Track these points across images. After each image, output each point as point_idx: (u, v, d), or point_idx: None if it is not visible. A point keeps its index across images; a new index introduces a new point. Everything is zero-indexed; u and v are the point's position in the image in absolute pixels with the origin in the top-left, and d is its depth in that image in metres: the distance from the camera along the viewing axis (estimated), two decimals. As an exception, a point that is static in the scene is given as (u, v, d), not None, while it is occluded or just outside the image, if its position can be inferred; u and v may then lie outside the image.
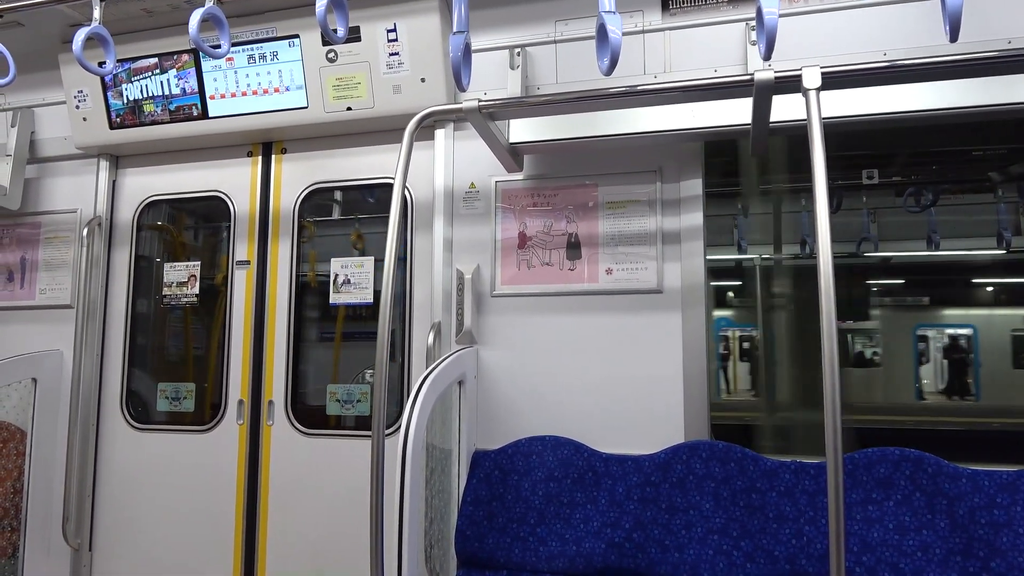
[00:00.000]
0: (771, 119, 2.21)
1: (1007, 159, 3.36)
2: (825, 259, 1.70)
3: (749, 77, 2.02)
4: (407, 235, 2.91)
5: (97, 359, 3.23)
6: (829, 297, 1.67)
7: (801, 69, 1.89)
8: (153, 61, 3.05)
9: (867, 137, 3.08)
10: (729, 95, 2.22)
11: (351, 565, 2.82)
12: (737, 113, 2.35)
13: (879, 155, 3.39)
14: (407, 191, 2.91)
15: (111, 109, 3.15)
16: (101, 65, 2.34)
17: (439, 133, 2.85)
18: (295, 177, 3.13)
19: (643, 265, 2.61)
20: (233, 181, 3.20)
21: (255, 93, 2.96)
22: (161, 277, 3.28)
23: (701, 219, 2.58)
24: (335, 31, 2.04)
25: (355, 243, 3.20)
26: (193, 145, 3.21)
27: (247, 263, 3.12)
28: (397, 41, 2.75)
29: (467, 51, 2.06)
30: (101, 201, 3.31)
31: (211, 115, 3.03)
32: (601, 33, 1.86)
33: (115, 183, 3.36)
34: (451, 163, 2.84)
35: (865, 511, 2.18)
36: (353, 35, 2.76)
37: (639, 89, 2.20)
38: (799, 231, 3.96)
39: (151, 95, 3.08)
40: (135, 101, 3.11)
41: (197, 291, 3.22)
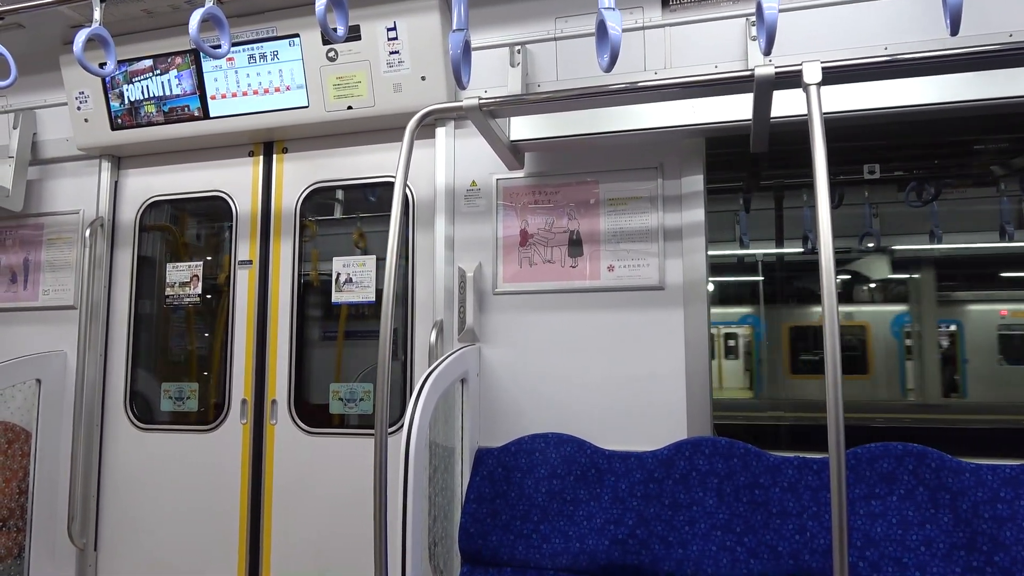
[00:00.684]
0: (772, 115, 2.21)
1: (1009, 152, 3.35)
2: (827, 255, 1.70)
3: (749, 73, 2.01)
4: (409, 233, 2.92)
5: (101, 359, 3.24)
6: (831, 293, 1.67)
7: (801, 64, 1.88)
8: (154, 62, 3.05)
9: (868, 131, 3.07)
10: (730, 91, 2.22)
11: (355, 563, 2.83)
12: (738, 109, 2.35)
13: (880, 149, 3.39)
14: (408, 189, 2.91)
15: (112, 110, 3.15)
16: (102, 66, 2.34)
17: (440, 131, 2.85)
18: (296, 176, 3.13)
19: (645, 262, 2.61)
20: (235, 181, 3.21)
21: (256, 93, 2.97)
22: (163, 277, 3.29)
23: (703, 215, 2.58)
24: (335, 30, 2.04)
25: (357, 242, 3.21)
26: (194, 145, 3.21)
27: (249, 263, 3.13)
28: (397, 39, 2.75)
29: (467, 49, 2.06)
30: (103, 202, 3.31)
31: (212, 115, 3.03)
32: (601, 30, 1.85)
33: (117, 184, 3.36)
34: (452, 161, 2.84)
35: (868, 506, 2.18)
36: (353, 34, 2.76)
37: (639, 86, 2.20)
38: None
39: (152, 96, 3.09)
40: (136, 102, 3.11)
41: (200, 291, 3.23)
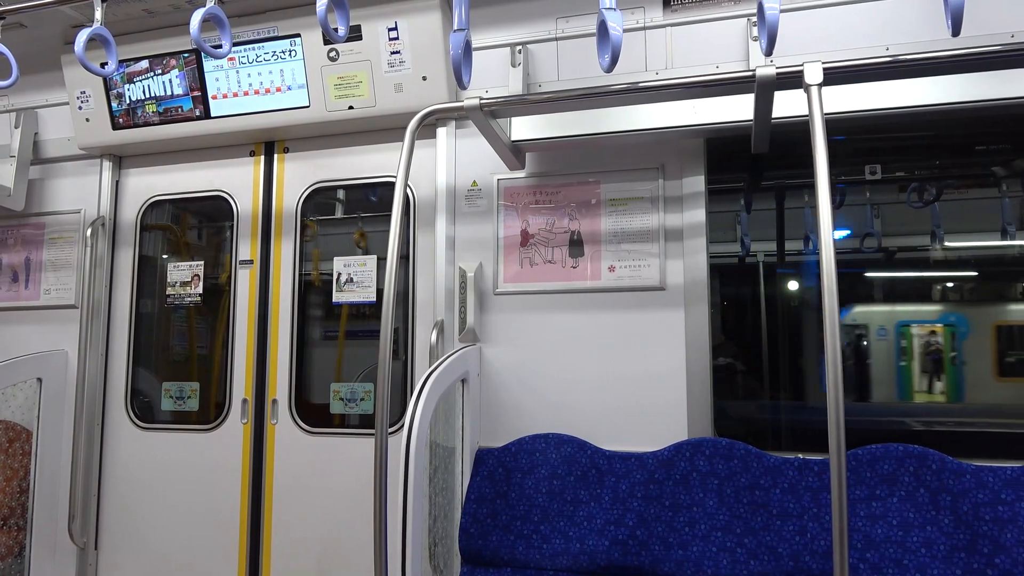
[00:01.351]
0: (774, 115, 2.21)
1: (1010, 153, 3.34)
2: (828, 255, 1.70)
3: (751, 73, 2.01)
4: (409, 233, 2.92)
5: (102, 359, 3.24)
6: (832, 293, 1.67)
7: (803, 65, 1.88)
8: (155, 61, 3.05)
9: (870, 132, 3.06)
10: (731, 91, 2.21)
11: (355, 563, 2.83)
12: (740, 109, 2.35)
13: (882, 150, 3.38)
14: (409, 189, 2.91)
15: (113, 110, 3.15)
16: (103, 66, 2.34)
17: (441, 131, 2.85)
18: (297, 176, 3.13)
19: (646, 262, 2.61)
20: (236, 181, 3.21)
21: (257, 93, 2.97)
22: (165, 277, 3.29)
23: (704, 216, 2.57)
24: (336, 30, 2.04)
25: (358, 242, 3.20)
26: (195, 145, 3.22)
27: (250, 262, 3.13)
28: (398, 39, 2.75)
29: (468, 49, 2.06)
30: (104, 201, 3.32)
31: (213, 115, 3.04)
32: (602, 30, 1.85)
33: (118, 183, 3.37)
34: (453, 161, 2.84)
35: (869, 507, 2.18)
36: (354, 34, 2.76)
37: (641, 86, 2.20)
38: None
39: (153, 95, 3.09)
40: (137, 101, 3.11)
41: (201, 291, 3.23)
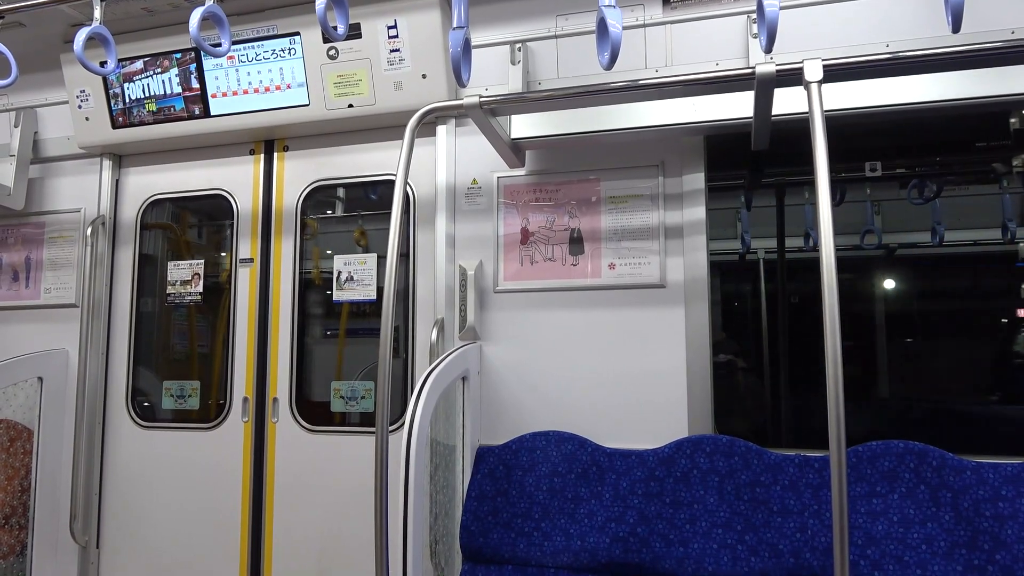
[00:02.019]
0: (774, 112, 2.20)
1: (1010, 149, 3.34)
2: (828, 252, 1.70)
3: (750, 71, 2.01)
4: (410, 231, 2.92)
5: (102, 358, 3.24)
6: (832, 290, 1.67)
7: (803, 62, 1.88)
8: (155, 60, 3.05)
9: (870, 129, 3.06)
10: (731, 89, 2.21)
11: (357, 561, 2.83)
12: (740, 106, 2.35)
13: (882, 147, 3.38)
14: (409, 187, 2.91)
15: (113, 108, 3.15)
16: (102, 65, 2.34)
17: (440, 129, 2.85)
18: (297, 175, 3.13)
19: (646, 260, 2.61)
20: (236, 179, 3.21)
21: (256, 91, 2.97)
22: (165, 276, 3.29)
23: (704, 213, 2.57)
24: (335, 28, 2.04)
25: (358, 240, 3.20)
26: (195, 144, 3.22)
27: (250, 261, 3.13)
28: (398, 37, 2.75)
29: (467, 47, 2.06)
30: (104, 200, 3.32)
31: (213, 113, 3.03)
32: (601, 27, 1.85)
33: (118, 182, 3.36)
34: (453, 159, 2.84)
35: (869, 504, 2.18)
36: (353, 32, 2.76)
37: (640, 83, 2.20)
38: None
39: (153, 94, 3.09)
40: (137, 100, 3.11)
41: (201, 289, 3.23)
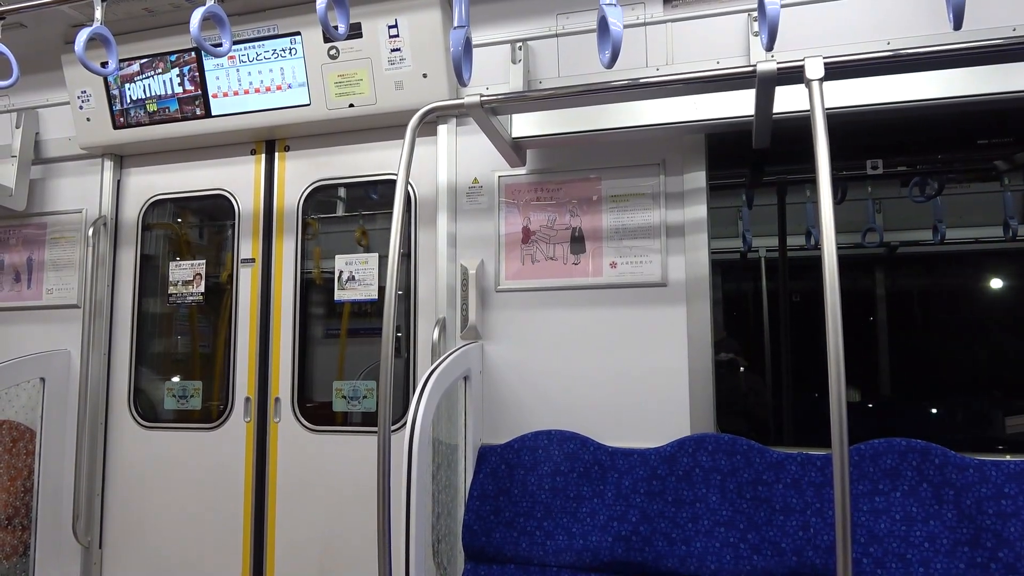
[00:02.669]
0: (775, 110, 2.20)
1: (1012, 147, 3.33)
2: (829, 250, 1.69)
3: (751, 69, 2.01)
4: (411, 231, 2.92)
5: (104, 358, 3.25)
6: (834, 289, 1.66)
7: (804, 60, 1.88)
8: (155, 60, 3.05)
9: (872, 127, 3.06)
10: (732, 87, 2.20)
11: (359, 560, 2.84)
12: (740, 105, 2.34)
13: (884, 145, 3.37)
14: (410, 187, 2.90)
15: (114, 109, 3.15)
16: (104, 65, 2.34)
17: (441, 129, 2.85)
18: (298, 175, 3.13)
19: (647, 258, 2.60)
20: (237, 179, 3.21)
21: (257, 91, 2.97)
22: (166, 276, 3.29)
23: (705, 211, 2.57)
24: (336, 28, 2.04)
25: (359, 239, 3.21)
26: (196, 144, 3.22)
27: (252, 261, 3.13)
28: (398, 37, 2.75)
29: (468, 46, 2.06)
30: (106, 201, 3.32)
31: (214, 113, 3.04)
32: (602, 26, 1.85)
33: (119, 183, 3.37)
34: (454, 158, 2.84)
35: (872, 502, 2.18)
36: (354, 32, 2.76)
37: (641, 82, 2.20)
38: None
39: (154, 94, 3.09)
40: (138, 101, 3.11)
41: (203, 289, 3.23)
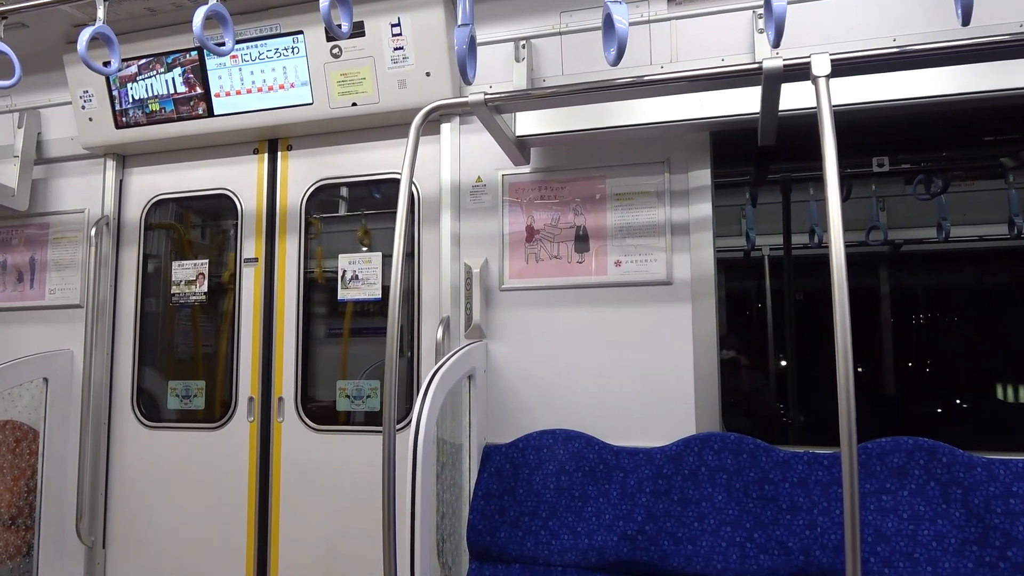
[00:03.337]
0: (780, 108, 2.19)
1: (1018, 144, 3.32)
2: (837, 249, 1.69)
3: (757, 66, 1.99)
4: (414, 230, 2.91)
5: (107, 358, 3.24)
6: (842, 287, 1.66)
7: (810, 56, 1.87)
8: (158, 60, 3.04)
9: (875, 124, 3.05)
10: (737, 84, 2.19)
11: (363, 560, 2.83)
12: (745, 102, 2.34)
13: (887, 142, 3.36)
14: (414, 186, 2.90)
15: (116, 109, 3.15)
16: (106, 65, 2.33)
17: (445, 127, 2.84)
18: (301, 174, 3.12)
19: (652, 257, 2.60)
20: (240, 179, 3.20)
21: (260, 90, 2.96)
22: (169, 276, 3.29)
23: (710, 209, 2.56)
24: (340, 26, 2.03)
25: (362, 239, 3.20)
26: (199, 143, 3.21)
27: (255, 260, 3.12)
28: (401, 35, 2.74)
29: (472, 44, 2.05)
30: (108, 201, 3.31)
31: (216, 113, 3.03)
32: (608, 23, 1.84)
33: (122, 182, 3.36)
34: (457, 157, 2.83)
35: (879, 501, 2.17)
36: (357, 30, 2.75)
37: (646, 79, 2.18)
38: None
39: (156, 94, 3.08)
40: (140, 100, 3.11)
41: (206, 289, 3.22)
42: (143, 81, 3.08)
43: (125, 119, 3.15)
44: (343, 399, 2.97)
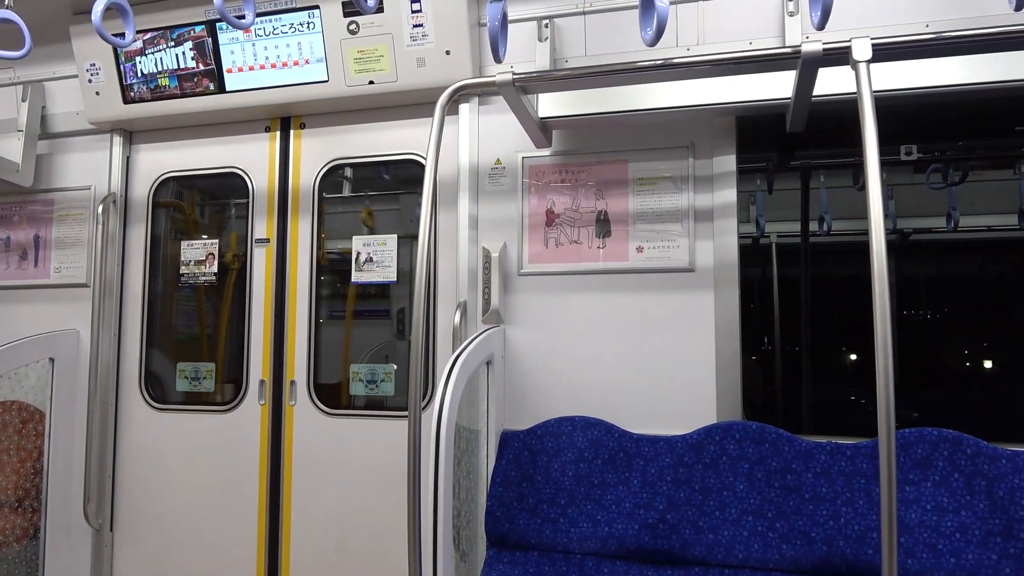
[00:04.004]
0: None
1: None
2: (878, 238, 1.66)
3: (794, 50, 1.95)
4: (432, 212, 2.85)
5: (114, 338, 3.19)
6: (882, 277, 1.63)
7: (851, 40, 1.83)
8: (168, 33, 2.96)
9: (896, 112, 3.02)
10: (770, 68, 2.14)
11: (376, 545, 2.81)
12: (774, 87, 2.29)
13: (907, 130, 3.33)
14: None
15: (124, 83, 3.07)
16: (120, 36, 2.26)
17: (464, 108, 2.78)
18: (314, 153, 3.06)
19: (675, 243, 2.56)
20: (251, 157, 3.14)
21: (273, 67, 2.89)
22: (178, 255, 3.23)
23: (734, 196, 2.53)
24: (367, 1, 1.97)
25: (365, 220, 3.14)
26: (209, 120, 3.13)
27: (266, 241, 3.07)
28: (421, 12, 2.67)
29: (504, 21, 2.00)
30: (115, 178, 3.24)
31: (228, 89, 2.95)
32: (646, 2, 1.79)
33: (129, 159, 3.29)
34: (476, 139, 2.77)
35: (903, 492, 2.16)
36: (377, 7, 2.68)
37: (675, 62, 2.12)
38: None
39: (166, 68, 3.00)
40: (149, 75, 3.03)
41: (215, 269, 3.17)
42: (153, 55, 3.00)
43: (133, 94, 3.07)
44: (356, 383, 2.94)
